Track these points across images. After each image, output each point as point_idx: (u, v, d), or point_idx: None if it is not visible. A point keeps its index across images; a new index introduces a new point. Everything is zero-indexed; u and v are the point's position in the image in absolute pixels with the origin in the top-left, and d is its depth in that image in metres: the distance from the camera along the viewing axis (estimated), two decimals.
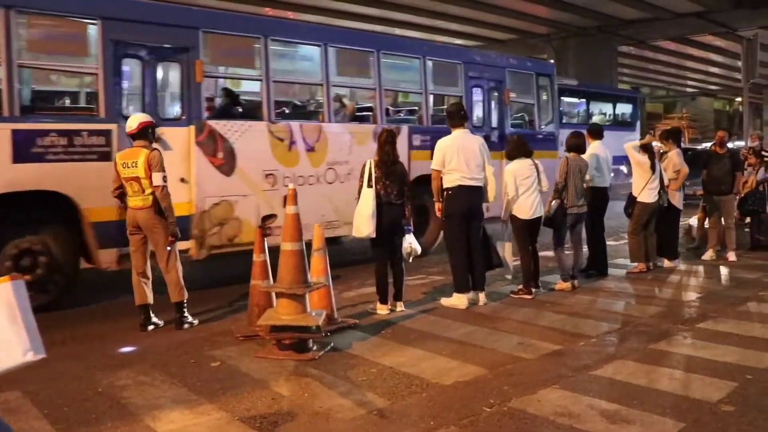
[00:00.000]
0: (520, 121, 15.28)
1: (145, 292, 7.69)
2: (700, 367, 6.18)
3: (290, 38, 11.38)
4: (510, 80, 14.13)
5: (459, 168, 8.42)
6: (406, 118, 13.61)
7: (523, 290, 9.05)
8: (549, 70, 15.98)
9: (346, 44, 11.95)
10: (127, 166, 7.47)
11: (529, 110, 15.22)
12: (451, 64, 13.24)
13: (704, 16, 30.57)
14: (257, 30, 10.48)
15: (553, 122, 15.46)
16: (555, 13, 30.08)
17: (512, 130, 13.83)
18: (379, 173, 8.18)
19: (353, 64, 12.23)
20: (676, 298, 8.96)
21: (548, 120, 15.33)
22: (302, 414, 5.21)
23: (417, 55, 12.67)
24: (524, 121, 15.27)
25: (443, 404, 5.37)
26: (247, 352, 6.77)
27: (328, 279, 7.63)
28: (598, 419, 5.04)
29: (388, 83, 12.51)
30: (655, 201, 10.48)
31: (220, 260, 10.21)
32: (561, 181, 9.50)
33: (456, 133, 8.64)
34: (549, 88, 15.40)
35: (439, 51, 14.14)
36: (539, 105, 14.97)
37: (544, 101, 15.39)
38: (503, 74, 14.01)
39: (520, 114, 15.48)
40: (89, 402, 5.51)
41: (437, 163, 8.52)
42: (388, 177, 8.21)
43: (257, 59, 10.38)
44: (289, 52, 11.84)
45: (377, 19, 30.09)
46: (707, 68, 50.28)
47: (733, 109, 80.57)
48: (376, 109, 11.97)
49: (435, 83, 12.97)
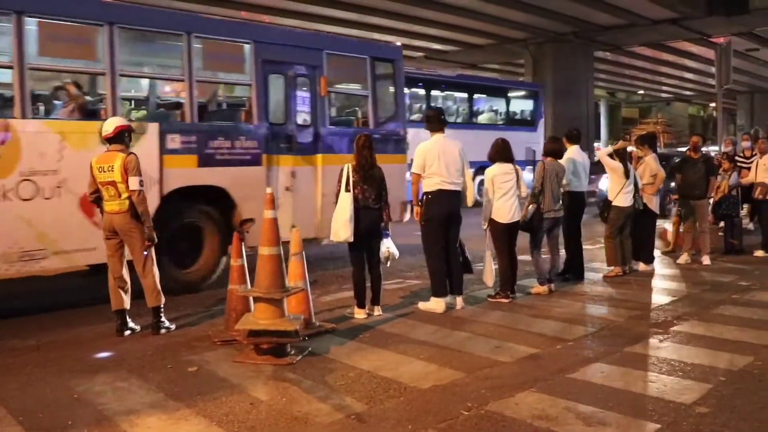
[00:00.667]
0: (351, 118, 12.94)
1: (122, 297, 7.65)
2: (675, 369, 6.23)
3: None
4: (331, 66, 11.40)
5: (439, 172, 8.44)
6: (163, 114, 11.12)
7: (501, 294, 9.08)
8: (392, 54, 12.92)
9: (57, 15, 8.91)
10: (104, 171, 7.43)
11: (362, 104, 12.71)
12: (233, 43, 10.73)
13: (679, 23, 30.82)
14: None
15: (397, 119, 12.57)
16: (532, 18, 30.19)
17: (333, 128, 11.53)
18: (357, 177, 8.18)
19: (69, 41, 9.25)
20: (651, 301, 9.02)
21: (389, 116, 12.52)
22: (280, 419, 5.21)
23: (178, 31, 9.92)
24: (356, 118, 12.79)
25: (421, 408, 5.38)
26: (224, 356, 6.75)
27: (305, 283, 7.61)
28: (574, 422, 5.07)
29: (128, 66, 9.80)
30: (631, 205, 10.57)
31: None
32: (538, 185, 9.55)
33: (436, 138, 8.66)
34: (393, 77, 12.64)
35: (215, 26, 10.91)
36: (376, 97, 12.19)
37: (384, 93, 12.77)
38: (319, 58, 11.21)
39: (352, 109, 13.35)
40: (65, 408, 5.47)
41: (418, 167, 8.54)
42: (365, 181, 8.21)
43: None
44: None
45: (354, 23, 30.07)
46: (682, 74, 50.62)
47: (707, 114, 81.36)
48: (108, 101, 9.16)
49: (206, 68, 10.60)
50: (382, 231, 8.43)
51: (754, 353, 6.66)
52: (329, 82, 11.38)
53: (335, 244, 8.64)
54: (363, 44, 13.37)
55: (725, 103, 26.37)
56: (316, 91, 11.16)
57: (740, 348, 6.85)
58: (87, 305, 8.95)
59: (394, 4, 26.84)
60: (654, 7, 28.52)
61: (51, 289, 9.97)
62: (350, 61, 12.15)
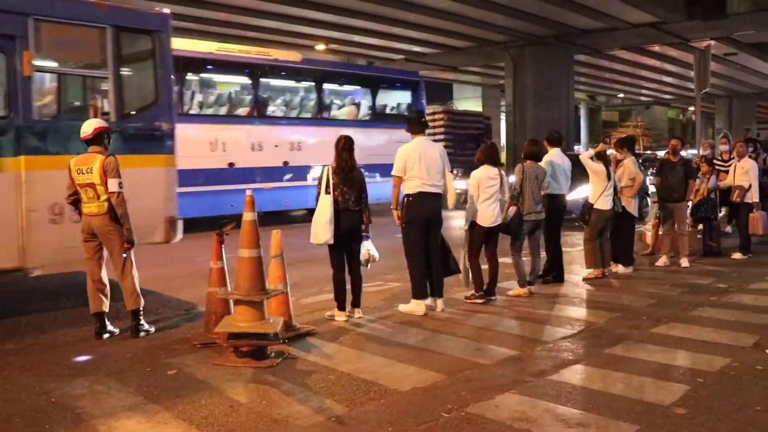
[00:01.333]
0: (79, 107, 10.16)
1: (101, 300, 7.60)
2: (653, 371, 6.26)
3: None
4: (44, 37, 8.64)
5: (420, 175, 8.45)
6: None
7: (475, 296, 9.11)
8: (151, 23, 9.71)
9: None
10: (82, 173, 7.40)
11: (100, 88, 9.85)
12: None
13: (659, 27, 30.99)
14: None
15: (159, 110, 9.62)
16: (512, 21, 30.26)
17: (46, 122, 8.90)
18: (337, 180, 8.17)
19: None
20: (630, 303, 9.05)
21: (146, 105, 9.63)
22: (260, 421, 5.20)
23: None
24: (94, 107, 9.73)
25: (401, 410, 5.38)
26: (204, 359, 6.73)
27: (285, 286, 7.60)
28: (554, 423, 5.09)
29: None
30: (611, 208, 10.62)
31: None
32: (517, 188, 9.58)
33: (417, 140, 8.67)
34: (154, 55, 9.62)
35: None
36: (120, 81, 9.28)
37: (140, 75, 9.89)
38: (21, 25, 8.32)
39: (81, 93, 10.33)
40: (42, 412, 5.44)
41: (398, 169, 8.54)
42: (345, 183, 8.20)
43: None
44: None
45: (335, 25, 30.06)
46: (661, 78, 50.91)
47: (686, 118, 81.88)
48: None
49: None
50: (363, 233, 8.42)
51: (731, 355, 6.71)
52: (46, 58, 8.99)
53: (315, 246, 8.53)
54: (101, 9, 8.88)
55: (704, 106, 26.59)
56: (15, 70, 8.36)
57: (718, 349, 6.90)
58: (66, 308, 8.89)
59: (374, 6, 26.82)
60: (634, 11, 28.67)
61: (28, 292, 9.89)
62: (79, 32, 9.11)
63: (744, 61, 42.24)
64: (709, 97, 52.71)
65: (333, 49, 36.74)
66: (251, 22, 29.49)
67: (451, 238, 9.35)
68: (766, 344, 7.04)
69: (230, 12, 27.40)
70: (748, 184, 12.58)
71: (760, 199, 12.79)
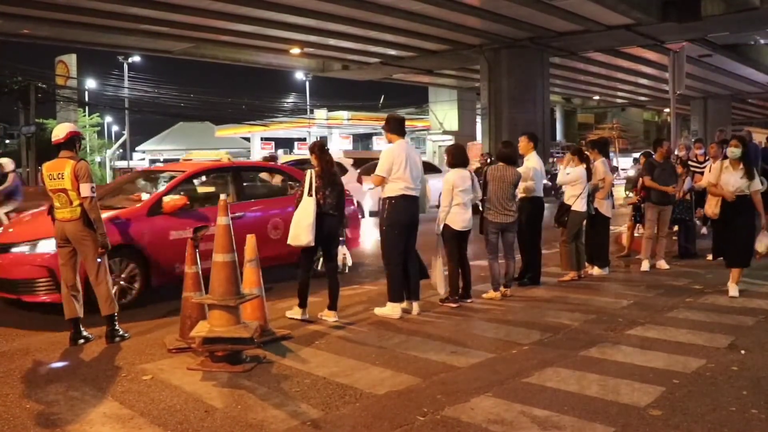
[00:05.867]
0: None
1: (75, 306, 7.55)
2: (629, 372, 6.28)
3: None
4: None
5: (405, 178, 8.47)
6: None
7: (450, 299, 9.11)
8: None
9: None
10: (53, 178, 7.35)
11: None
12: None
13: (633, 29, 31.25)
14: None
15: None
16: (487, 24, 30.41)
17: None
18: (320, 183, 8.25)
19: None
20: (606, 305, 9.08)
21: None
22: (236, 426, 5.18)
23: None
24: None
25: (377, 414, 5.38)
26: (179, 364, 6.70)
27: (260, 290, 7.58)
28: (530, 426, 5.09)
29: None
30: (586, 210, 10.65)
31: None
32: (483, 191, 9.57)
33: (401, 143, 8.67)
34: None
35: None
36: None
37: None
38: None
39: None
40: (16, 419, 5.39)
41: (384, 170, 8.51)
42: (326, 187, 8.28)
43: None
44: None
45: (310, 29, 30.09)
46: (637, 80, 51.34)
47: (661, 119, 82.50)
48: None
49: None
50: (340, 238, 8.43)
51: (706, 356, 6.75)
52: None
53: None
54: None
55: (679, 108, 26.80)
56: None
57: (693, 351, 6.94)
58: (40, 315, 8.81)
59: (350, 9, 26.91)
60: (609, 14, 28.89)
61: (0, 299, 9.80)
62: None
63: (719, 62, 42.72)
64: (685, 98, 53.18)
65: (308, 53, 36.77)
66: (226, 26, 29.48)
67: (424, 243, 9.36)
68: (741, 345, 7.10)
69: (209, 17, 27.37)
70: None
71: None
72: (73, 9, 26.67)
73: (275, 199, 11.18)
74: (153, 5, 25.92)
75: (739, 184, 9.34)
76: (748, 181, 9.35)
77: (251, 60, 40.00)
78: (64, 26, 29.59)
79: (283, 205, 10.64)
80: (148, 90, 57.83)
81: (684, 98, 50.69)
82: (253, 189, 11.65)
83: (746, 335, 7.50)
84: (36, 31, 31.30)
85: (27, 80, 40.87)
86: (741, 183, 9.34)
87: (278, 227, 10.42)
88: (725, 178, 9.47)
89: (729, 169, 9.50)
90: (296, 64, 45.34)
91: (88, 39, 33.45)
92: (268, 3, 26.02)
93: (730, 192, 9.37)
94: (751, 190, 9.39)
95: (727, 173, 9.49)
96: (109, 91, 56.27)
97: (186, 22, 28.67)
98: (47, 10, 26.53)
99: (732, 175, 9.42)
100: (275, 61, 41.60)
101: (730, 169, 9.48)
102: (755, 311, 8.59)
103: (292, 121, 61.46)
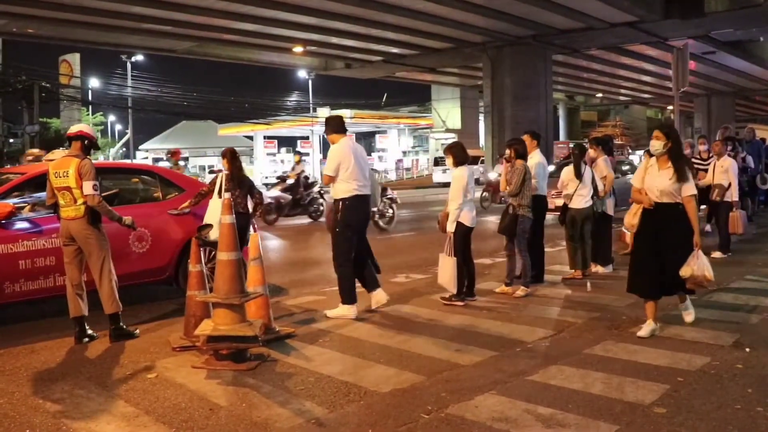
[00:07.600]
0: None
1: (80, 305, 7.57)
2: (633, 370, 6.27)
3: None
4: None
5: (356, 176, 8.44)
6: None
7: (456, 298, 9.08)
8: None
9: None
10: (59, 176, 7.38)
11: None
12: None
13: (636, 26, 31.21)
14: None
15: None
16: (490, 22, 30.39)
17: None
18: (229, 185, 8.78)
19: None
20: (609, 303, 9.06)
21: None
22: (240, 424, 5.18)
23: None
24: None
25: (381, 412, 5.38)
26: (183, 363, 6.71)
27: (265, 288, 7.59)
28: (534, 424, 5.09)
29: None
30: (587, 207, 10.61)
31: None
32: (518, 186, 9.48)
33: (344, 140, 8.63)
34: None
35: None
36: None
37: None
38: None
39: None
40: (22, 417, 5.41)
41: (332, 169, 8.45)
42: (236, 188, 8.83)
43: None
44: None
45: (313, 27, 30.08)
46: (640, 77, 51.29)
47: (665, 117, 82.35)
48: None
49: None
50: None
51: (711, 354, 6.73)
52: None
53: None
54: None
55: (682, 105, 26.80)
56: None
57: (698, 348, 6.92)
58: (45, 313, 8.83)
59: (352, 8, 26.90)
60: (612, 11, 28.86)
61: None
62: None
63: (722, 59, 42.64)
64: (688, 95, 53.14)
65: (311, 51, 36.77)
66: (229, 25, 29.49)
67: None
68: (746, 343, 7.07)
69: (212, 15, 27.38)
70: (727, 182, 12.58)
71: (739, 197, 12.85)
72: (77, 8, 26.73)
73: (142, 206, 9.75)
74: (156, 4, 25.97)
75: (664, 187, 7.25)
76: (678, 183, 7.21)
77: (254, 59, 40.07)
78: (67, 26, 29.68)
79: (151, 212, 9.44)
80: (151, 89, 57.91)
81: (687, 95, 50.66)
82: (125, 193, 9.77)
83: (751, 333, 7.48)
84: (40, 31, 31.40)
85: (31, 79, 40.87)
86: (668, 185, 7.23)
87: (144, 239, 9.08)
88: (647, 180, 7.41)
89: (654, 168, 7.41)
90: (299, 63, 45.41)
91: (91, 38, 33.53)
92: (271, 2, 26.06)
93: (649, 199, 7.38)
94: (683, 195, 7.27)
95: (650, 174, 7.42)
96: (113, 90, 56.46)
97: (189, 21, 28.70)
98: (51, 9, 26.60)
99: (657, 176, 7.34)
100: (278, 60, 41.69)
101: (655, 168, 7.39)
102: (760, 309, 8.57)
103: (295, 120, 61.48)
